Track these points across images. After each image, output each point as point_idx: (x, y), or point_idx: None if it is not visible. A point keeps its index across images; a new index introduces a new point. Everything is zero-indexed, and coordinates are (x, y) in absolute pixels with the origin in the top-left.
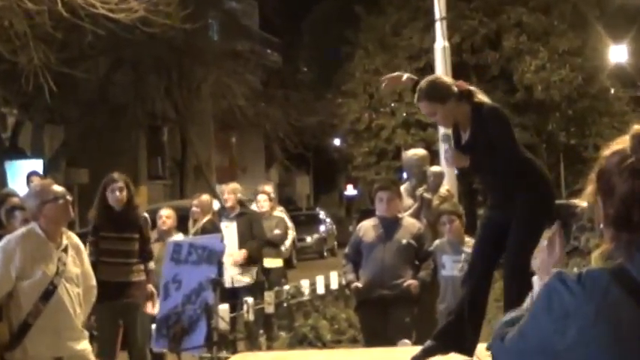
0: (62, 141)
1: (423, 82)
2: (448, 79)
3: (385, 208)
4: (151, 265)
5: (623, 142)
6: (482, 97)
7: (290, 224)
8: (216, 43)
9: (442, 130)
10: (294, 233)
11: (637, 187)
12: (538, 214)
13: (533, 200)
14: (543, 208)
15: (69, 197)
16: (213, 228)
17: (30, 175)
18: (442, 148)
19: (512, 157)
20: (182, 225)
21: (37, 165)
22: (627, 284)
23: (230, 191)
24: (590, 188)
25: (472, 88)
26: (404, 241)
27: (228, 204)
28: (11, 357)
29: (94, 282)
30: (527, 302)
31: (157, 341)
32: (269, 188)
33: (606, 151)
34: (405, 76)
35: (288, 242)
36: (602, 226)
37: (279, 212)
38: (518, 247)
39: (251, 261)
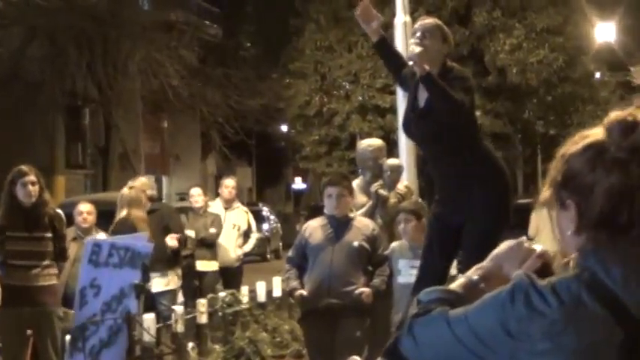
0: None
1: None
2: None
3: (335, 206)
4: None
5: (591, 136)
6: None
7: (253, 224)
8: (146, 12)
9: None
10: (259, 234)
11: (623, 180)
12: (496, 215)
13: (490, 199)
14: (501, 207)
15: None
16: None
17: None
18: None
19: (469, 137)
20: (105, 222)
21: None
22: (599, 292)
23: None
24: (548, 194)
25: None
26: (355, 244)
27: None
28: None
29: None
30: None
31: (71, 355)
32: (231, 181)
33: (570, 149)
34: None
35: (249, 246)
36: (569, 233)
37: (240, 208)
38: (475, 251)
39: (168, 262)
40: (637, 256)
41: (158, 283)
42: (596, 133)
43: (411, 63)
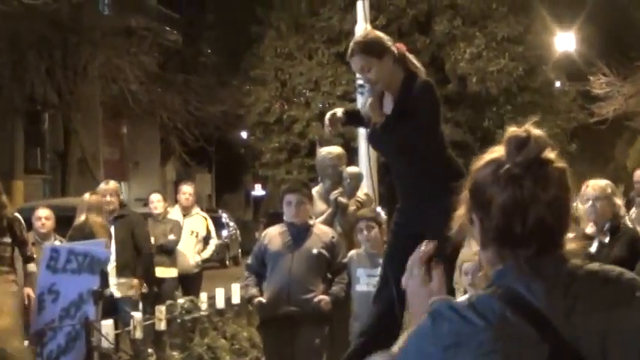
0: None
1: (359, 36)
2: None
3: (294, 214)
4: (32, 267)
5: (496, 152)
6: (417, 64)
7: (212, 230)
8: (106, 17)
9: (358, 81)
10: (218, 241)
11: (517, 195)
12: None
13: (452, 208)
14: None
15: None
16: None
17: None
18: (359, 99)
19: (434, 147)
20: (64, 227)
21: None
22: (523, 309)
23: (112, 192)
24: (462, 208)
25: (407, 53)
26: (315, 251)
27: (110, 207)
28: None
29: None
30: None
31: None
32: (188, 188)
33: (477, 164)
34: (340, 112)
35: (208, 252)
36: (478, 248)
37: (199, 215)
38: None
39: (131, 269)
40: (550, 268)
41: (122, 289)
42: (499, 149)
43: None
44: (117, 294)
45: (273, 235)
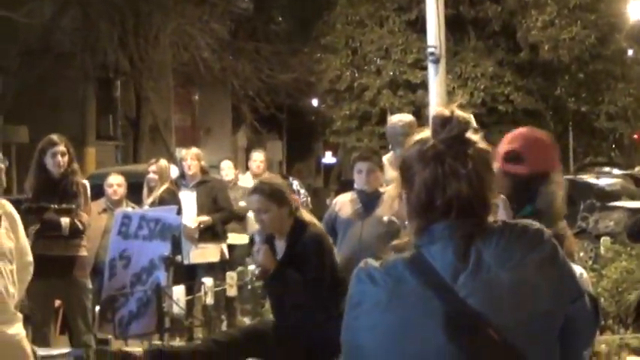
0: None
1: (265, 180)
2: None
3: (364, 181)
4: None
5: (423, 132)
6: (313, 220)
7: (304, 193)
8: None
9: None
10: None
11: (438, 170)
12: None
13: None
14: None
15: (3, 165)
16: (171, 198)
17: None
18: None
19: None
20: (134, 194)
21: None
22: (420, 270)
23: (193, 157)
24: (395, 184)
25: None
26: (385, 218)
27: (190, 171)
28: None
29: (30, 257)
30: None
31: (100, 326)
32: (259, 155)
33: (407, 144)
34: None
35: None
36: (406, 222)
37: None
38: None
39: (214, 235)
40: (456, 232)
41: (202, 255)
42: (426, 130)
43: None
44: (195, 260)
45: (343, 203)
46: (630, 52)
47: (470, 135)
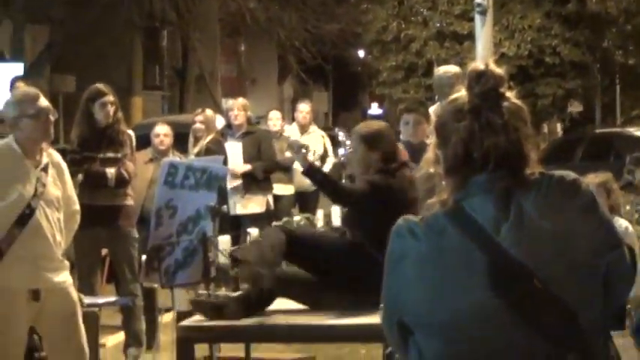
0: (46, 43)
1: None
2: None
3: (411, 133)
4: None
5: (458, 92)
6: None
7: (330, 148)
8: None
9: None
10: (335, 159)
11: (474, 123)
12: None
13: None
14: None
15: (52, 116)
16: (218, 149)
17: (14, 81)
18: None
19: None
20: (180, 144)
21: (17, 69)
22: (464, 224)
23: (240, 107)
24: (431, 151)
25: None
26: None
27: (237, 121)
28: None
29: (77, 206)
30: None
31: (147, 275)
32: (305, 106)
33: (442, 108)
34: None
35: (325, 170)
36: (443, 182)
37: (317, 133)
38: None
39: (259, 185)
40: (497, 184)
41: (248, 205)
42: (462, 91)
43: None
44: (242, 210)
45: None
46: None
47: (504, 90)
